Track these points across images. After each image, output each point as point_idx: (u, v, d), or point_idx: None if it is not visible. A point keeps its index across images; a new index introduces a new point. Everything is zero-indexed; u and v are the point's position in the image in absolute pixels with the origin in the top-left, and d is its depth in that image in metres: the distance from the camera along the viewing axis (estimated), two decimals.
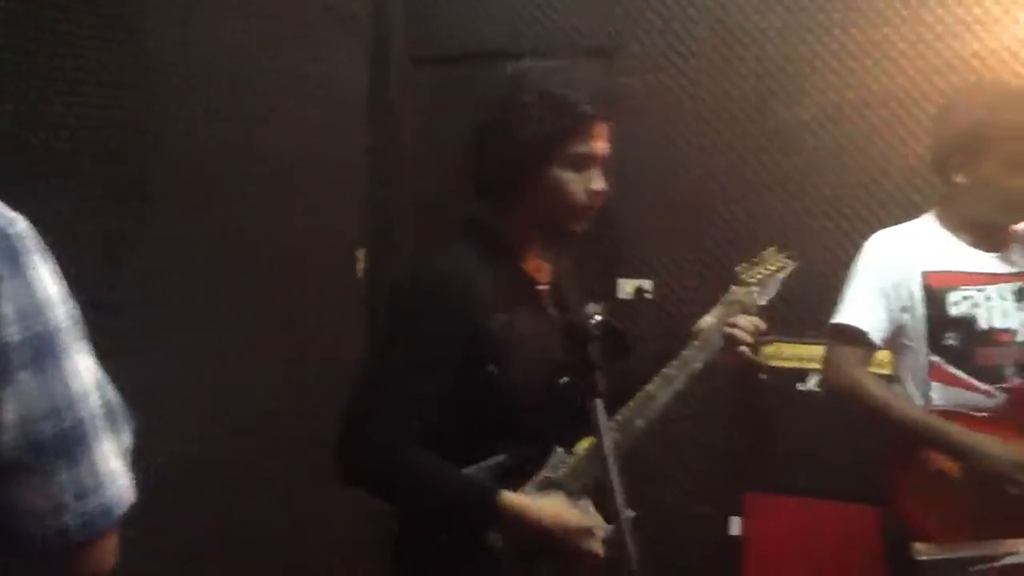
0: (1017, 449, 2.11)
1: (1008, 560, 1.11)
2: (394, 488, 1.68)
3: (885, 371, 2.40)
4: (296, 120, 3.15)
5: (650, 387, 1.81)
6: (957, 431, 2.15)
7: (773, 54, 3.45)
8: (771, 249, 1.98)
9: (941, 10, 3.24)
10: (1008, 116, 2.13)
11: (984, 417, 2.18)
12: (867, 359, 2.29)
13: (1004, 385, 2.19)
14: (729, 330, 1.84)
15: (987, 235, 2.25)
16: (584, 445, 1.76)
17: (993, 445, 2.12)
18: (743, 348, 1.83)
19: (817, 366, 3.08)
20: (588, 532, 1.67)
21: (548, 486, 1.73)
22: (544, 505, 1.68)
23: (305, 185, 3.22)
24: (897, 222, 2.41)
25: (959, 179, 2.23)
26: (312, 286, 3.22)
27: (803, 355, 3.18)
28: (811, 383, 3.16)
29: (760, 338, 1.84)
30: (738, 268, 1.94)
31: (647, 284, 3.59)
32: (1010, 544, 1.16)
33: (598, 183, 1.75)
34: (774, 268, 1.95)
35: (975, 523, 2.08)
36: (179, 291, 2.43)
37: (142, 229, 2.29)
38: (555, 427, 1.77)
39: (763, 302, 1.90)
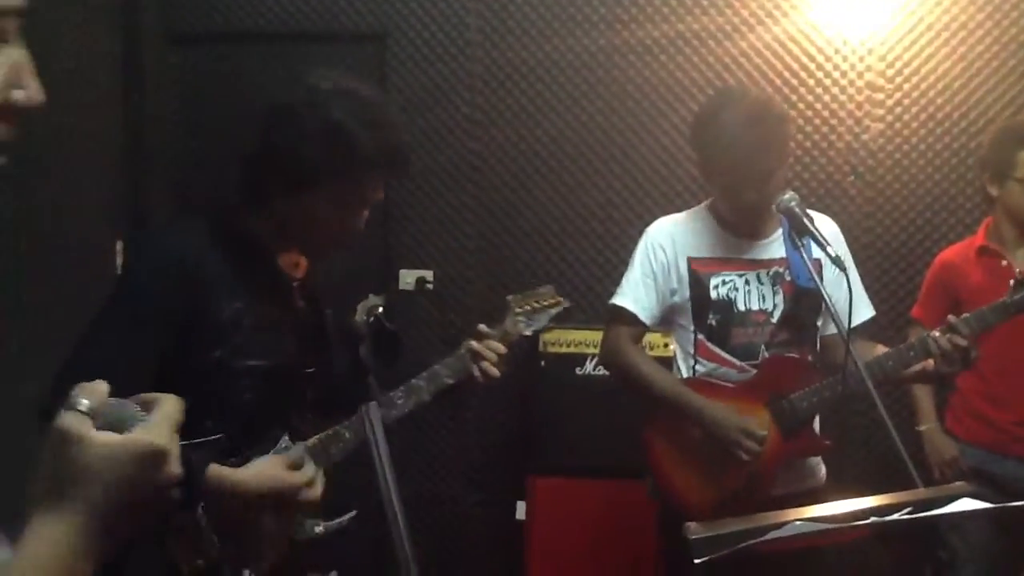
0: (746, 417, 2.31)
1: (775, 534, 1.18)
2: None
3: (665, 354, 2.56)
4: (51, 106, 2.89)
5: (396, 394, 1.89)
6: (697, 399, 2.34)
7: (544, 47, 3.52)
8: (548, 287, 2.12)
9: (708, 13, 3.44)
10: (733, 143, 2.26)
11: (731, 387, 2.37)
12: (638, 337, 2.48)
13: (756, 362, 2.38)
14: (478, 349, 1.95)
15: (748, 225, 2.43)
16: (313, 441, 1.84)
17: (724, 411, 2.31)
18: (483, 373, 1.94)
19: (594, 351, 3.22)
20: (299, 488, 1.70)
21: None
22: (247, 472, 1.68)
23: (58, 172, 2.97)
24: (664, 214, 2.54)
25: (711, 184, 2.44)
26: (68, 277, 2.97)
27: (581, 340, 3.28)
28: (589, 367, 3.26)
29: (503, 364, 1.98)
30: (509, 297, 2.06)
31: (428, 274, 3.59)
32: (775, 516, 1.23)
33: (359, 224, 1.77)
34: (545, 304, 2.08)
35: (719, 486, 2.29)
36: None
37: None
38: (284, 417, 1.81)
39: (527, 332, 2.04)
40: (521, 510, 3.29)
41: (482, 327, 2.00)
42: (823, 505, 1.30)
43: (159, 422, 0.78)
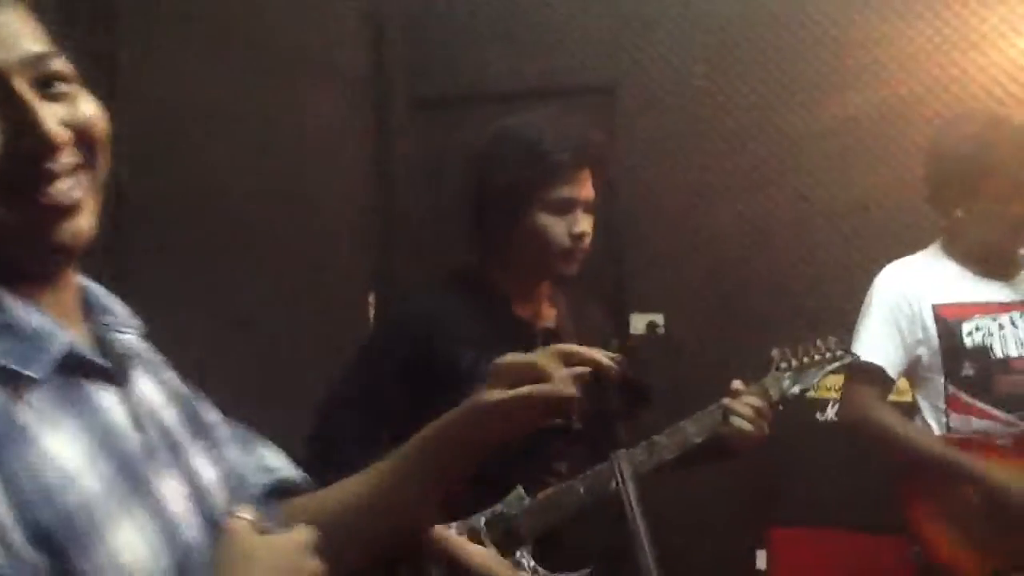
0: None
1: None
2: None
3: (906, 398, 2.41)
4: (306, 168, 3.20)
5: (636, 451, 1.80)
6: (973, 463, 2.17)
7: (771, 83, 3.48)
8: (831, 339, 1.90)
9: (925, 31, 3.28)
10: (996, 147, 2.17)
11: (1006, 445, 2.19)
12: (885, 393, 2.32)
13: None
14: (730, 405, 1.81)
15: (994, 264, 2.27)
16: (546, 493, 1.79)
17: (1009, 477, 2.13)
18: (736, 431, 1.80)
19: (836, 395, 3.08)
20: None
21: (497, 520, 1.75)
22: (473, 548, 1.68)
23: (317, 229, 3.25)
24: (903, 245, 2.42)
25: (958, 213, 2.26)
26: (324, 330, 3.22)
27: (822, 384, 3.16)
28: (831, 413, 3.14)
29: (763, 423, 1.80)
30: (775, 351, 1.87)
31: (659, 318, 3.59)
32: None
33: (580, 226, 1.79)
34: (820, 358, 1.87)
35: (996, 552, 2.13)
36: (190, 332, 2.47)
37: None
38: (523, 467, 1.79)
39: (794, 391, 1.84)
40: (761, 559, 3.21)
41: (737, 384, 1.84)
42: None
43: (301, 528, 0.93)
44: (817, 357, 1.88)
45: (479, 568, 1.67)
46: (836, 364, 1.88)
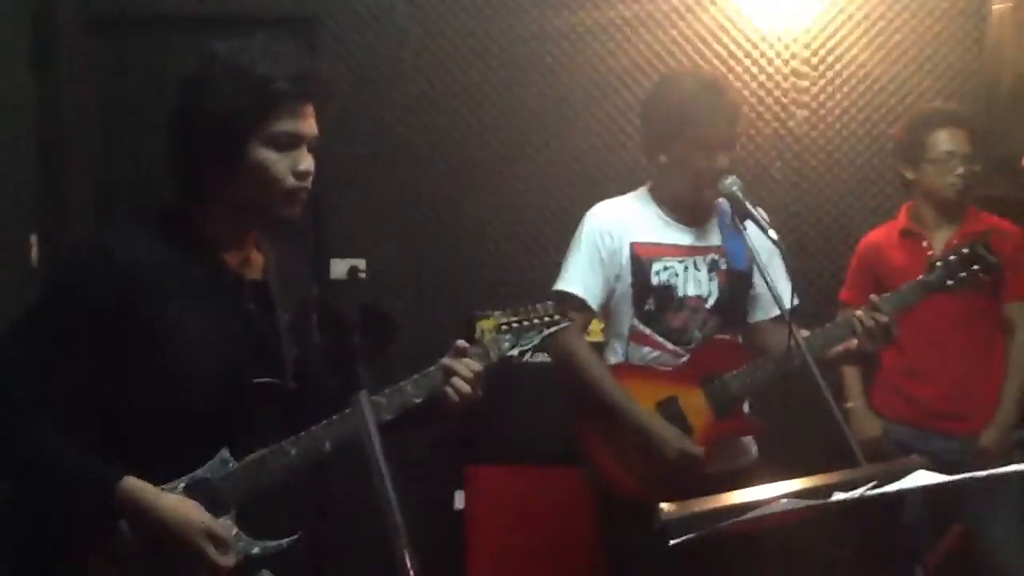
0: (680, 446, 2.32)
1: (755, 513, 1.20)
2: (5, 457, 1.61)
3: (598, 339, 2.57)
4: None
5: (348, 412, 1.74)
6: (642, 414, 2.36)
7: (477, 32, 3.50)
8: (547, 304, 1.95)
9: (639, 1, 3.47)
10: (698, 103, 2.33)
11: (669, 371, 2.41)
12: (585, 324, 2.48)
13: (690, 346, 2.43)
14: (451, 369, 1.80)
15: (688, 211, 2.45)
16: (253, 456, 1.70)
17: (667, 432, 2.33)
18: (455, 392, 1.79)
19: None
20: (210, 536, 1.61)
21: (198, 486, 1.65)
22: (167, 500, 1.61)
23: None
24: (598, 198, 2.55)
25: (661, 159, 2.42)
26: None
27: None
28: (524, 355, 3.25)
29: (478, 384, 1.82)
30: (497, 313, 1.90)
31: (361, 264, 3.53)
32: (747, 496, 1.25)
33: (305, 163, 1.65)
34: (537, 321, 1.91)
35: (659, 472, 2.33)
36: None
37: None
38: (231, 429, 1.68)
39: (513, 352, 1.88)
40: (459, 499, 3.28)
41: (460, 343, 1.83)
42: (783, 483, 1.32)
43: None
44: (536, 320, 1.92)
45: (172, 523, 1.58)
46: (553, 328, 1.93)
